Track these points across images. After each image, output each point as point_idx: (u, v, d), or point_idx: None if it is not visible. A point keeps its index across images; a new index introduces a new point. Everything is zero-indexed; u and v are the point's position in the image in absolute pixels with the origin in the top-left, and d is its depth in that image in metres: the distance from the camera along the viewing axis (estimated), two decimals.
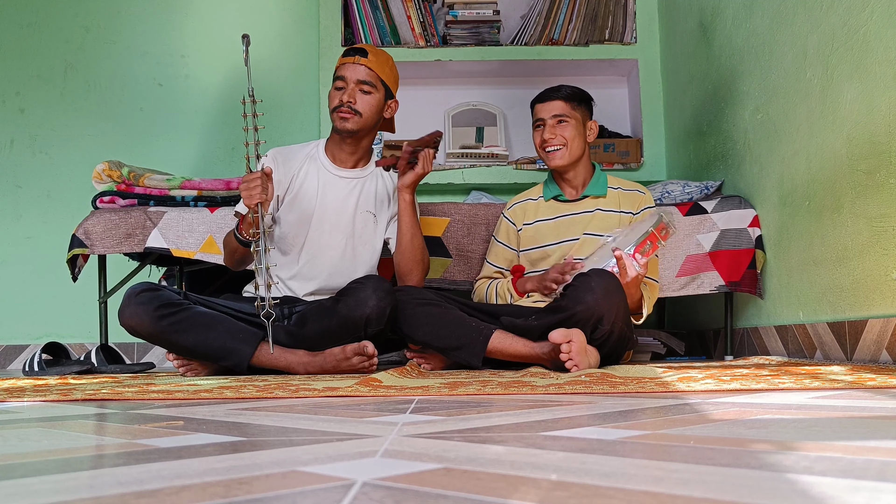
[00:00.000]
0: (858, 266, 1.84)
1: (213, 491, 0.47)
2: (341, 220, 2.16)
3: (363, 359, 1.92)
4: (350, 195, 2.18)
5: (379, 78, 2.12)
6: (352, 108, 2.09)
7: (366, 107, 2.10)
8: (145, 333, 1.94)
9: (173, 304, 1.94)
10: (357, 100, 2.09)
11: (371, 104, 2.11)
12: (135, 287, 1.97)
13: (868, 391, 1.12)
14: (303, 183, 2.16)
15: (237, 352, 1.92)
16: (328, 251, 2.15)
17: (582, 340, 1.75)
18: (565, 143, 2.18)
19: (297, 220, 2.14)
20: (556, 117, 2.19)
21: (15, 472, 0.56)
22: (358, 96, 2.09)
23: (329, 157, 2.20)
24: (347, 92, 2.09)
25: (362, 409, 1.01)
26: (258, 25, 3.59)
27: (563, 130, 2.18)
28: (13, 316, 3.41)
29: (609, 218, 2.21)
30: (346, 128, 2.10)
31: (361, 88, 2.10)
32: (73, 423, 0.92)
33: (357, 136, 2.14)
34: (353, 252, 2.17)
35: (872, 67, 1.75)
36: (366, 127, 2.14)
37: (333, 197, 2.16)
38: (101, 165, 2.57)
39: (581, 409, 0.97)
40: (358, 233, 2.18)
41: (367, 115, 2.11)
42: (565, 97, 2.20)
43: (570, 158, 2.20)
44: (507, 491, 0.47)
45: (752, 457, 0.57)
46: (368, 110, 2.11)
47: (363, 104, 2.10)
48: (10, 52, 3.52)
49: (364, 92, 2.10)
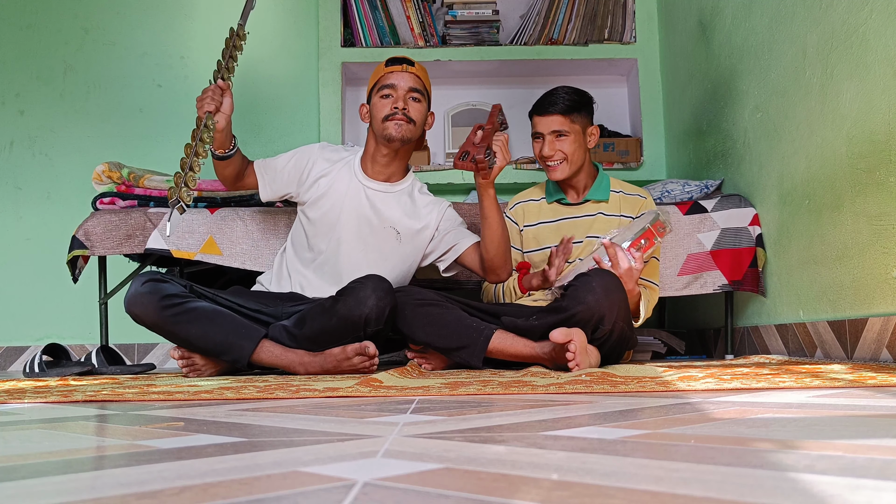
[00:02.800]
0: (859, 264, 1.84)
1: (215, 492, 0.48)
2: (361, 232, 2.15)
3: (364, 359, 1.92)
4: (374, 207, 2.15)
5: (426, 88, 2.12)
6: (406, 116, 2.06)
7: (417, 115, 2.09)
8: (148, 323, 1.96)
9: (178, 295, 1.96)
10: (410, 107, 2.07)
11: (422, 112, 2.10)
12: (142, 276, 2.00)
13: (869, 390, 1.12)
14: (332, 184, 2.16)
15: (238, 347, 1.92)
16: (344, 259, 2.15)
17: (582, 340, 1.75)
18: (565, 157, 2.15)
19: (321, 220, 2.16)
20: (554, 132, 2.15)
21: (16, 474, 0.56)
22: (410, 104, 2.07)
23: (363, 167, 2.18)
24: (401, 99, 2.06)
25: (363, 410, 1.01)
26: (257, 26, 3.59)
27: (562, 145, 2.15)
28: (13, 317, 3.41)
29: (610, 222, 2.20)
30: (402, 135, 2.06)
31: (412, 96, 2.08)
32: (73, 424, 0.92)
33: (404, 146, 2.12)
34: (369, 267, 2.13)
35: (872, 66, 1.75)
36: (415, 136, 2.12)
37: (356, 206, 2.14)
38: (101, 167, 2.57)
39: (582, 408, 0.97)
40: (377, 247, 2.15)
41: (419, 123, 2.10)
42: (563, 111, 2.14)
43: (570, 171, 2.18)
44: (508, 491, 0.47)
45: (753, 456, 0.57)
46: (419, 118, 2.10)
47: (415, 112, 2.08)
48: (10, 54, 3.52)
49: (415, 100, 2.09)
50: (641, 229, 1.97)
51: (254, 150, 3.28)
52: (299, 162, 2.18)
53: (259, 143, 3.42)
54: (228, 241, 2.42)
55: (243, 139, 3.48)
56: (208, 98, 1.98)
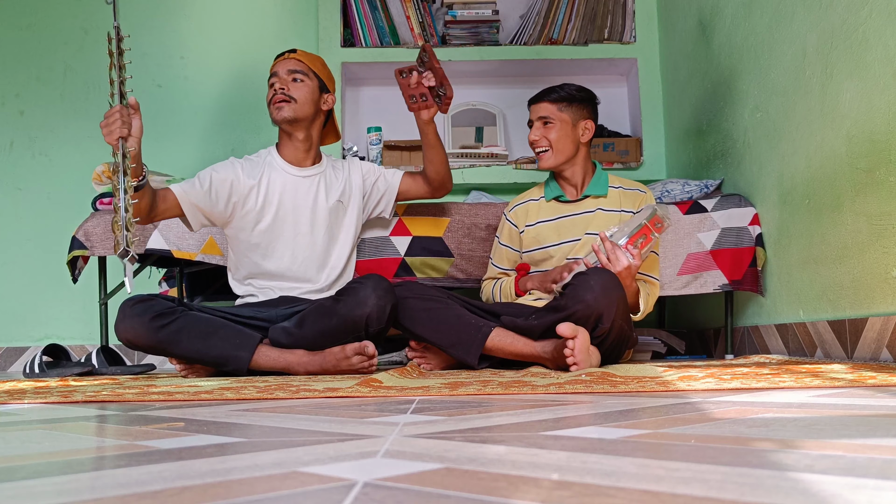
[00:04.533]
0: (859, 264, 1.84)
1: (215, 492, 0.48)
2: (317, 217, 2.22)
3: (363, 358, 1.93)
4: (318, 191, 2.24)
5: (310, 69, 2.19)
6: (286, 94, 2.14)
7: (299, 93, 2.16)
8: (143, 346, 1.95)
9: (168, 312, 1.94)
10: (289, 87, 2.15)
11: (304, 91, 2.17)
12: (128, 300, 1.96)
13: (869, 389, 1.12)
14: (269, 189, 2.19)
15: (235, 358, 1.93)
16: (311, 248, 2.21)
17: (586, 339, 1.75)
18: (550, 145, 2.19)
19: (271, 226, 2.18)
20: (541, 119, 2.20)
21: (16, 474, 0.56)
22: (290, 85, 2.15)
23: (286, 159, 2.24)
24: (279, 82, 2.16)
25: (363, 410, 1.01)
26: (257, 26, 3.59)
27: (547, 132, 2.19)
28: (13, 318, 3.41)
29: (610, 218, 2.21)
30: (284, 116, 2.15)
31: (293, 77, 2.16)
32: (73, 424, 0.92)
33: (298, 124, 2.18)
34: (333, 241, 2.25)
35: (872, 65, 1.74)
36: (303, 114, 2.18)
37: (303, 196, 2.22)
38: (101, 167, 2.57)
39: (582, 408, 0.97)
40: (334, 223, 2.25)
41: (301, 100, 2.16)
42: (554, 99, 2.20)
43: (556, 161, 2.20)
44: (508, 491, 0.47)
45: (754, 455, 0.57)
46: (302, 96, 2.16)
47: (296, 91, 2.16)
48: (10, 55, 3.52)
49: (296, 80, 2.16)
50: (639, 225, 1.98)
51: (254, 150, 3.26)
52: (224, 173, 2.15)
53: (259, 144, 3.42)
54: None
55: (243, 139, 3.48)
56: (117, 122, 1.77)
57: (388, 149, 3.35)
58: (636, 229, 1.97)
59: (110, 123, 1.78)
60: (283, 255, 2.20)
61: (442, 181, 2.31)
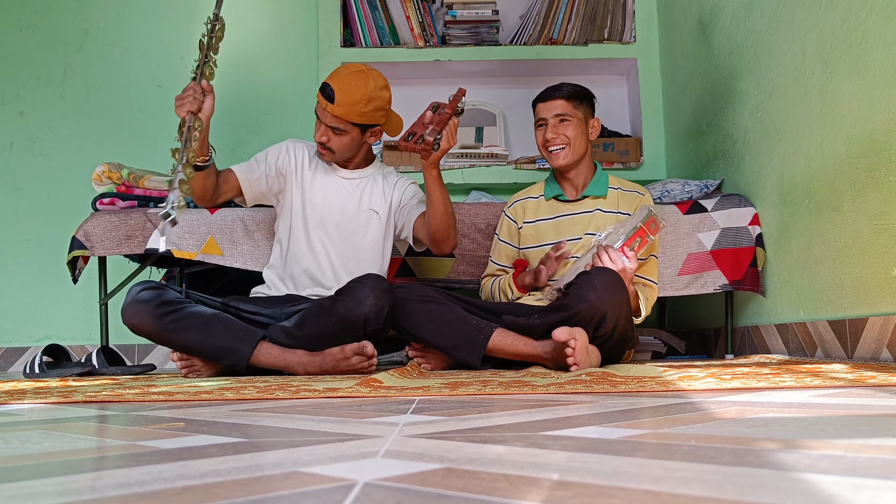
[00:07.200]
0: (859, 264, 1.84)
1: (215, 492, 0.48)
2: (343, 220, 2.21)
3: (362, 359, 1.93)
4: (352, 195, 2.23)
5: (348, 122, 2.10)
6: (325, 147, 2.15)
7: (339, 145, 2.15)
8: (147, 332, 1.96)
9: (174, 302, 1.96)
10: (330, 138, 2.13)
11: (344, 142, 2.15)
12: (137, 286, 2.00)
13: (869, 389, 1.12)
14: (313, 178, 2.22)
15: (236, 351, 1.93)
16: (330, 250, 2.19)
17: (584, 340, 1.75)
18: (568, 142, 2.17)
19: (302, 215, 2.19)
20: (557, 116, 2.18)
21: (17, 475, 0.56)
22: (331, 135, 2.13)
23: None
24: (321, 131, 2.13)
25: (363, 410, 1.01)
26: (257, 26, 3.59)
27: (565, 129, 2.17)
28: (14, 318, 3.41)
29: (608, 218, 2.21)
30: (325, 160, 2.22)
31: (333, 130, 2.13)
32: (74, 425, 0.92)
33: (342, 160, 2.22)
34: (355, 251, 2.20)
35: (872, 65, 1.74)
36: (346, 156, 2.20)
37: (337, 197, 2.21)
38: (101, 167, 2.57)
39: (582, 408, 0.97)
40: (361, 232, 2.22)
41: (341, 151, 2.16)
42: (567, 96, 2.18)
43: (573, 157, 2.19)
44: (508, 491, 0.46)
45: (754, 455, 0.57)
46: (342, 147, 2.15)
47: (336, 143, 2.14)
48: (10, 55, 3.52)
49: (336, 133, 2.13)
50: (634, 228, 1.98)
51: (254, 151, 3.27)
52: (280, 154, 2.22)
53: (259, 144, 3.42)
54: (229, 242, 2.43)
55: (243, 139, 3.48)
56: (189, 97, 1.83)
57: (389, 149, 3.35)
58: (631, 232, 1.97)
59: (184, 97, 1.84)
60: (304, 255, 2.19)
61: (437, 238, 2.13)
